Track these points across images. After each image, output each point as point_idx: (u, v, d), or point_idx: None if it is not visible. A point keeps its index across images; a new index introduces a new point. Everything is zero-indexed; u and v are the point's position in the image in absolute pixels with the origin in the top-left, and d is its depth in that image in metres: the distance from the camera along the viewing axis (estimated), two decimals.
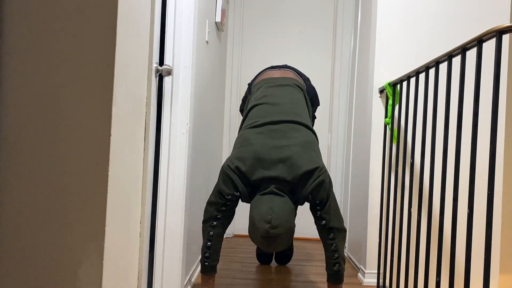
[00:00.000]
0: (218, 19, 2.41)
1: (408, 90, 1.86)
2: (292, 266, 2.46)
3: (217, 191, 1.69)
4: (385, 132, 2.12)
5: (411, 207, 1.74)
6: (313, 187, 1.61)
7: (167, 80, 1.69)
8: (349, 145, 2.93)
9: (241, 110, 2.21)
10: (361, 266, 2.31)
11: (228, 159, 1.72)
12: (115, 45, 0.74)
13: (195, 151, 1.95)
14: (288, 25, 3.25)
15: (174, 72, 1.71)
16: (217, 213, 1.70)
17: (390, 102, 2.06)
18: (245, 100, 2.15)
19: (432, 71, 2.01)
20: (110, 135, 0.74)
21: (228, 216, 1.73)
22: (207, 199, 2.49)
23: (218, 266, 2.36)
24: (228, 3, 3.10)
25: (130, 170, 0.86)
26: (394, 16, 2.22)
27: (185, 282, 1.85)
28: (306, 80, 2.09)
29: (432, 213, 1.54)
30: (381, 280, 2.08)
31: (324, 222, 1.65)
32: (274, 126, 1.71)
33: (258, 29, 3.26)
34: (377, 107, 2.24)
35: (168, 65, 1.60)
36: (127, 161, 0.84)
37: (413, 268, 2.07)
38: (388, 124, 2.08)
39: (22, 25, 0.74)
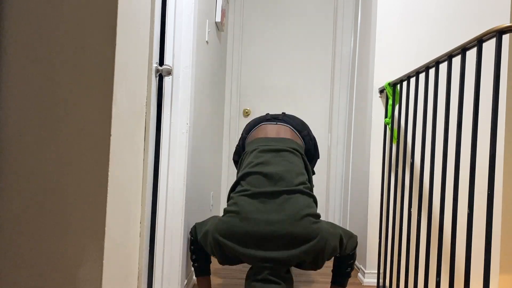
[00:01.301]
0: (218, 19, 2.41)
1: (408, 90, 1.86)
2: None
3: (203, 234, 1.62)
4: (385, 132, 2.12)
5: (411, 207, 1.74)
6: (328, 255, 1.55)
7: (167, 80, 1.69)
8: (349, 145, 2.93)
9: (235, 161, 2.07)
10: (361, 266, 2.31)
11: (217, 228, 1.56)
12: (115, 45, 0.74)
13: (195, 151, 1.95)
14: (288, 25, 3.25)
15: (174, 72, 1.71)
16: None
17: (390, 102, 2.06)
18: (238, 151, 2.03)
19: (432, 71, 2.01)
20: (110, 135, 0.74)
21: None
22: (206, 199, 2.49)
23: (218, 266, 2.36)
24: (228, 3, 3.10)
25: (130, 170, 0.86)
26: (394, 16, 2.22)
27: (185, 282, 1.85)
28: (305, 136, 1.95)
29: (432, 213, 1.54)
30: (381, 280, 2.08)
31: (346, 251, 1.66)
32: (267, 199, 1.59)
33: (258, 29, 3.26)
34: (377, 107, 2.24)
35: (168, 65, 1.60)
36: (127, 161, 0.84)
37: (413, 268, 2.07)
38: (388, 124, 2.08)
39: (22, 25, 0.74)
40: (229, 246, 1.52)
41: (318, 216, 1.59)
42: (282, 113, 2.07)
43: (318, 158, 2.05)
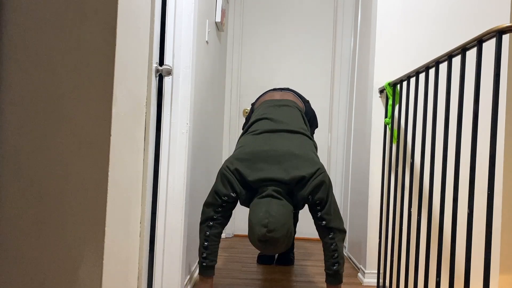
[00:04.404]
0: (218, 19, 2.41)
1: (408, 90, 1.86)
2: (292, 266, 2.46)
3: (214, 192, 1.71)
4: (385, 132, 2.12)
5: (411, 207, 1.74)
6: (312, 187, 1.63)
7: (167, 80, 1.69)
8: (349, 145, 2.93)
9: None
10: (361, 266, 2.31)
11: (227, 160, 1.74)
12: (115, 45, 0.74)
13: (195, 151, 1.95)
14: (288, 25, 3.25)
15: (174, 72, 1.71)
16: (214, 214, 1.70)
17: (390, 102, 2.06)
18: (248, 119, 2.21)
19: (432, 71, 2.01)
20: (110, 135, 0.74)
21: (225, 217, 1.73)
22: None
23: (218, 266, 2.36)
24: (228, 3, 3.10)
25: (130, 170, 0.86)
26: (394, 16, 2.22)
27: (185, 282, 1.85)
28: (306, 102, 2.17)
29: (432, 213, 1.54)
30: (381, 280, 2.08)
31: (324, 222, 1.65)
32: (272, 133, 1.79)
33: (258, 29, 3.26)
34: (377, 107, 2.24)
35: (168, 65, 1.60)
36: (127, 161, 0.84)
37: (413, 268, 2.07)
38: (388, 124, 2.08)
39: (22, 25, 0.74)
40: (241, 172, 1.66)
41: (319, 158, 1.78)
42: (286, 87, 2.33)
43: (317, 126, 2.24)
